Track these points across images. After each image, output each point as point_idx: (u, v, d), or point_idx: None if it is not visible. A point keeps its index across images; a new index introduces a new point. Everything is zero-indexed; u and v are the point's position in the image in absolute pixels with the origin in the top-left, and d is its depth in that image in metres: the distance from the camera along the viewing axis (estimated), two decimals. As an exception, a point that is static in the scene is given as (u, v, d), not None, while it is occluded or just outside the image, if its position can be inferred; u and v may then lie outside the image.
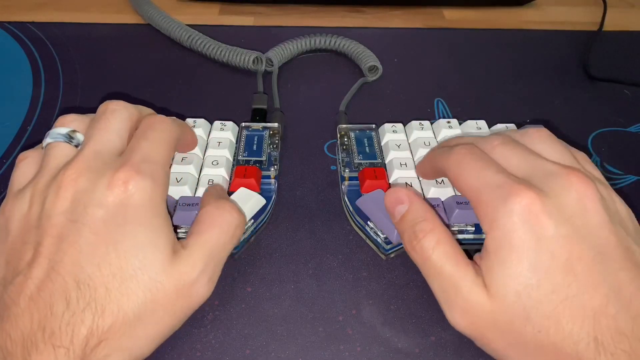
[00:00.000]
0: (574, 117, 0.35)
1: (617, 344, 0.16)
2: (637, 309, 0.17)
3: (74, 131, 0.22)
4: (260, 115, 0.33)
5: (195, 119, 0.29)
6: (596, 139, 0.33)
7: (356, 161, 0.28)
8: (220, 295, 0.24)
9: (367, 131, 0.31)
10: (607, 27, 0.45)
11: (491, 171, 0.20)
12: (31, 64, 0.38)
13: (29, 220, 0.19)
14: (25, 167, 0.22)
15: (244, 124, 0.31)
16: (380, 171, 0.27)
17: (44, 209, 0.19)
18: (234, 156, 0.29)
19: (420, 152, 0.28)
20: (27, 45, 0.40)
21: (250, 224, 0.25)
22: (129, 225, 0.19)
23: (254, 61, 0.37)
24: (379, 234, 0.25)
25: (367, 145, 0.30)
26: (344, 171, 0.28)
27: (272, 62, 0.37)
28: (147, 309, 0.18)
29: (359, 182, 0.27)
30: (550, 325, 0.17)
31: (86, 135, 0.22)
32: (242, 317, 0.23)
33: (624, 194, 0.23)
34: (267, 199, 0.26)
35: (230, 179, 0.27)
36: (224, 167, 0.27)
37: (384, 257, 0.25)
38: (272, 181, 0.27)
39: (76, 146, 0.21)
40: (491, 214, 0.19)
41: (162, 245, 0.19)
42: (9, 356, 0.16)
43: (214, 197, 0.23)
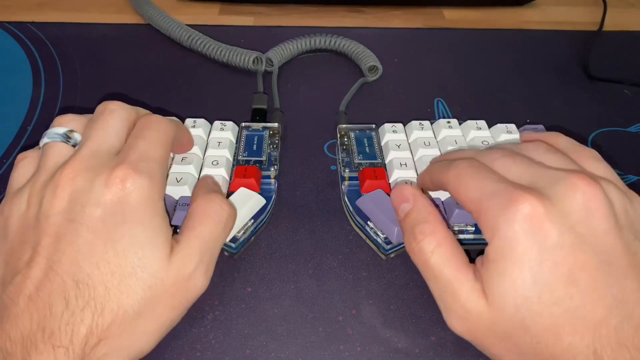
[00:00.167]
0: (574, 117, 0.35)
1: (616, 356, 0.16)
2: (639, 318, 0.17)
3: (72, 131, 0.22)
4: (260, 115, 0.33)
5: (195, 119, 0.29)
6: (596, 139, 0.33)
7: (356, 161, 0.28)
8: (220, 295, 0.24)
9: (367, 131, 0.31)
10: (607, 27, 0.45)
11: (491, 181, 0.19)
12: (31, 64, 0.38)
13: (27, 220, 0.19)
14: (24, 167, 0.22)
15: (244, 124, 0.31)
16: (380, 171, 0.27)
17: (42, 209, 0.19)
18: (234, 156, 0.29)
19: (420, 152, 0.28)
20: (27, 45, 0.40)
21: (250, 224, 0.25)
22: (127, 223, 0.19)
23: (254, 61, 0.37)
24: (379, 234, 0.24)
25: (367, 145, 0.30)
26: (344, 171, 0.28)
27: (272, 62, 0.37)
28: (146, 305, 0.18)
29: (359, 182, 0.27)
30: (549, 336, 0.17)
31: (84, 135, 0.22)
32: (242, 317, 0.23)
33: (625, 194, 0.22)
34: (267, 199, 0.26)
35: (230, 179, 0.27)
36: (224, 167, 0.27)
37: (384, 257, 0.25)
38: (272, 181, 0.27)
39: (73, 146, 0.21)
40: (492, 222, 0.18)
41: (160, 242, 0.19)
42: (9, 356, 0.16)
43: (203, 191, 0.23)
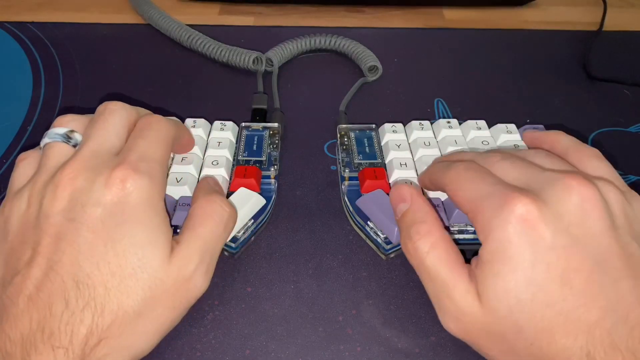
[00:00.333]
0: (574, 117, 0.35)
1: (610, 358, 0.16)
2: (634, 320, 0.16)
3: (72, 131, 0.22)
4: (260, 115, 0.33)
5: (195, 119, 0.29)
6: (596, 138, 0.33)
7: (356, 161, 0.28)
8: (220, 295, 0.24)
9: (367, 131, 0.31)
10: (607, 27, 0.45)
11: (487, 183, 0.20)
12: (31, 64, 0.38)
13: (27, 220, 0.19)
14: (24, 168, 0.22)
15: (244, 124, 0.31)
16: (380, 171, 0.27)
17: (42, 209, 0.19)
18: (234, 156, 0.29)
19: (420, 152, 0.28)
20: (27, 45, 0.40)
21: (250, 224, 0.25)
22: (127, 223, 0.19)
23: (254, 61, 0.37)
24: (379, 234, 0.25)
25: (367, 145, 0.30)
26: (344, 171, 0.28)
27: (272, 62, 0.37)
28: (146, 305, 0.18)
29: (359, 182, 0.27)
30: (543, 338, 0.17)
31: (84, 135, 0.22)
32: (242, 317, 0.23)
33: (625, 194, 0.22)
34: (267, 199, 0.26)
35: (230, 179, 0.27)
36: (224, 167, 0.27)
37: (384, 257, 0.25)
38: (272, 181, 0.27)
39: (74, 146, 0.21)
40: (486, 224, 0.18)
41: (160, 242, 0.19)
42: (8, 357, 0.16)
43: (204, 192, 0.23)
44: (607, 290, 0.17)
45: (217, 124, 0.30)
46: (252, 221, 0.25)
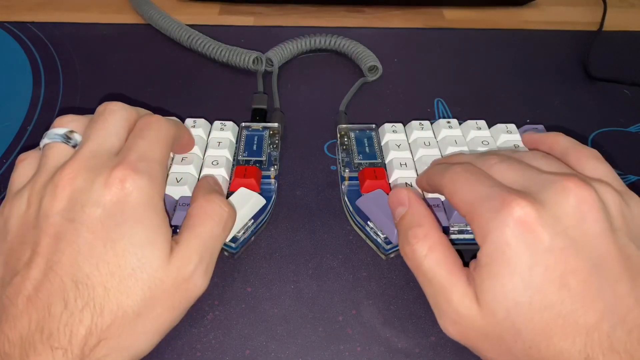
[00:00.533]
0: (574, 117, 0.35)
1: None
2: (633, 322, 0.16)
3: (72, 131, 0.22)
4: (260, 115, 0.33)
5: (195, 119, 0.29)
6: (596, 139, 0.33)
7: (356, 161, 0.28)
8: (220, 295, 0.24)
9: (367, 131, 0.31)
10: (607, 27, 0.45)
11: (485, 185, 0.19)
12: (31, 64, 0.38)
13: (26, 220, 0.19)
14: (24, 168, 0.22)
15: (244, 124, 0.31)
16: (380, 171, 0.27)
17: (42, 209, 0.19)
18: (234, 156, 0.29)
19: (420, 152, 0.28)
20: (27, 45, 0.40)
21: (250, 224, 0.25)
22: (127, 223, 0.19)
23: (254, 61, 0.37)
24: (379, 234, 0.24)
25: (367, 145, 0.30)
26: (344, 171, 0.28)
27: (272, 62, 0.37)
28: (146, 306, 0.18)
29: (359, 182, 0.27)
30: (541, 341, 0.17)
31: (84, 135, 0.22)
32: (242, 317, 0.23)
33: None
34: (267, 199, 0.26)
35: (230, 179, 0.27)
36: (224, 167, 0.27)
37: (384, 257, 0.25)
38: (272, 181, 0.27)
39: (74, 146, 0.21)
40: (484, 226, 0.18)
41: (159, 242, 0.19)
42: (7, 358, 0.16)
43: (203, 192, 0.23)
44: (605, 292, 0.17)
45: (217, 124, 0.30)
46: (252, 221, 0.25)
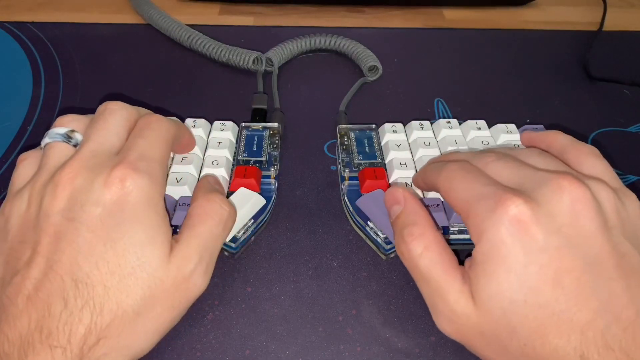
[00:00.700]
0: (574, 117, 0.35)
1: (604, 359, 0.16)
2: (627, 320, 0.16)
3: (73, 131, 0.22)
4: (260, 115, 0.33)
5: (195, 119, 0.29)
6: (596, 139, 0.33)
7: (356, 161, 0.28)
8: (220, 295, 0.24)
9: (367, 131, 0.31)
10: (607, 27, 0.45)
11: (480, 183, 0.19)
12: (31, 64, 0.38)
13: (27, 219, 0.19)
14: (25, 168, 0.22)
15: (244, 124, 0.31)
16: (380, 171, 0.27)
17: (42, 208, 0.19)
18: (234, 156, 0.29)
19: (420, 152, 0.28)
20: (27, 45, 0.40)
21: (250, 224, 0.25)
22: (127, 222, 0.19)
23: (254, 61, 0.37)
24: (379, 234, 0.24)
25: (367, 145, 0.30)
26: (344, 171, 0.28)
27: (272, 62, 0.37)
28: (146, 305, 0.18)
29: (359, 182, 0.27)
30: (536, 339, 0.17)
31: (84, 135, 0.22)
32: (242, 317, 0.23)
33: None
34: (267, 199, 0.26)
35: (230, 179, 0.27)
36: (224, 167, 0.27)
37: (384, 257, 0.25)
38: (272, 181, 0.27)
39: (74, 146, 0.21)
40: (479, 225, 0.18)
41: (159, 241, 0.19)
42: (6, 358, 0.16)
43: (203, 191, 0.23)
44: (600, 290, 0.17)
45: (217, 124, 0.30)
46: (252, 221, 0.25)
